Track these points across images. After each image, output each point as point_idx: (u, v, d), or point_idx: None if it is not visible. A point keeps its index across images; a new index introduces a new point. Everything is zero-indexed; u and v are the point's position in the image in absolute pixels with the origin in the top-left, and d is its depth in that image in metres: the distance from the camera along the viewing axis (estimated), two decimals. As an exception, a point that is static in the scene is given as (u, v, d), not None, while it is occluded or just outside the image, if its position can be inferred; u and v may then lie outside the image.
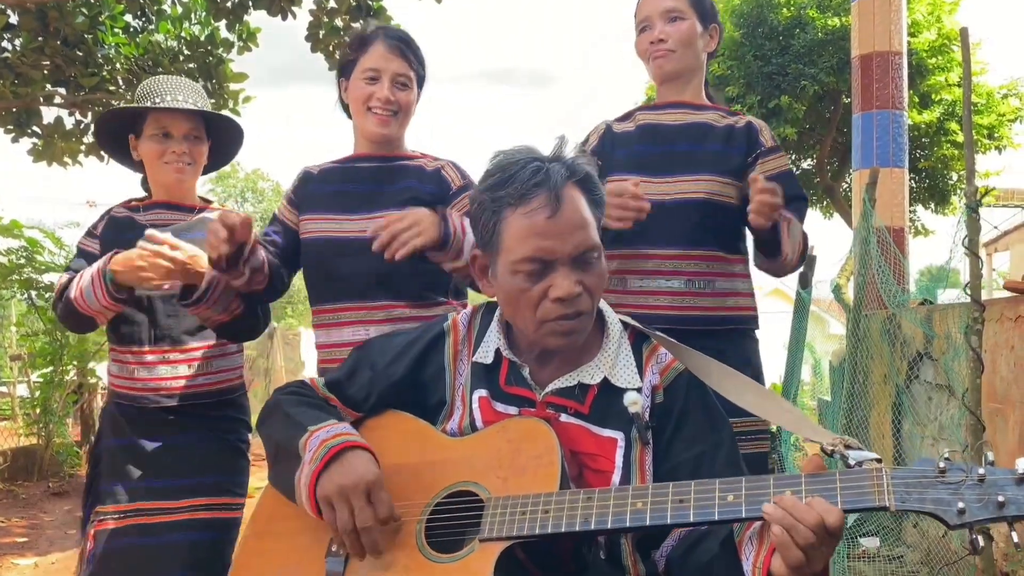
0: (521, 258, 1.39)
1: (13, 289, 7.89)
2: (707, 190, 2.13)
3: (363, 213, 2.11)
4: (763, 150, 2.18)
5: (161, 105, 2.23)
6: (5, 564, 5.06)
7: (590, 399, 1.45)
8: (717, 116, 2.23)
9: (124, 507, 2.20)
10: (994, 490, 1.11)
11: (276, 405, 1.55)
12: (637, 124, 2.26)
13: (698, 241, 2.12)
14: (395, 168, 2.19)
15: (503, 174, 1.42)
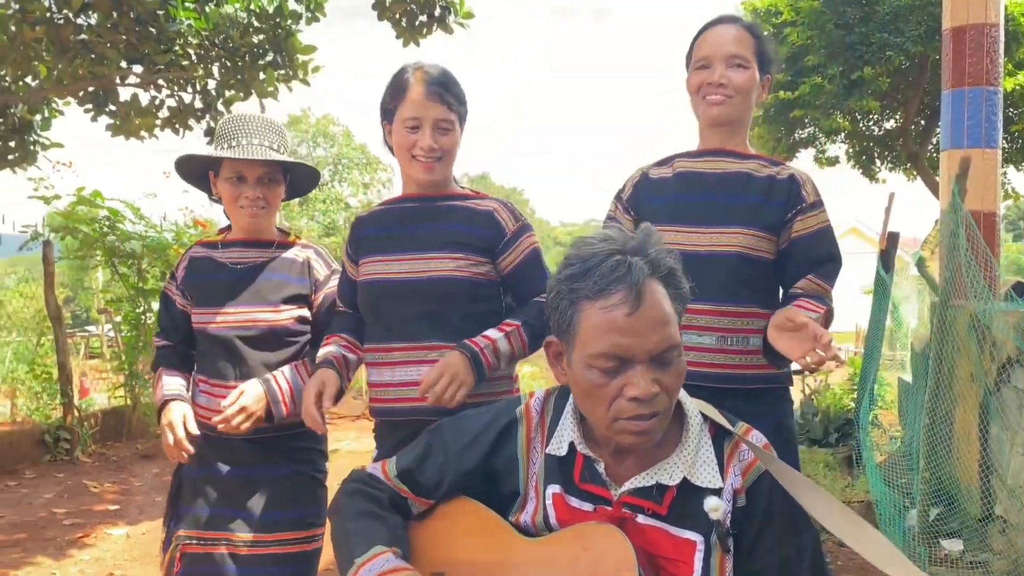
0: (597, 353, 1.35)
1: (97, 257, 8.14)
2: (741, 243, 2.06)
3: (412, 253, 2.14)
4: (804, 206, 2.10)
5: (232, 155, 2.26)
6: (99, 533, 5.31)
7: (668, 500, 1.42)
8: (758, 166, 2.14)
9: (208, 534, 2.31)
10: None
11: (337, 511, 1.55)
12: (676, 171, 2.19)
13: (732, 296, 2.06)
14: (444, 209, 2.18)
15: (583, 265, 1.37)
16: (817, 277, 2.09)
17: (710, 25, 2.18)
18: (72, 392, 7.54)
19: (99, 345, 14.40)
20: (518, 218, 2.19)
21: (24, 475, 6.81)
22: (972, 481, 4.05)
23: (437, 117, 2.11)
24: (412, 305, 2.11)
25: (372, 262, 2.20)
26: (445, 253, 2.11)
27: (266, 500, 2.32)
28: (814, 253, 2.10)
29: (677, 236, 2.08)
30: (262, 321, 2.32)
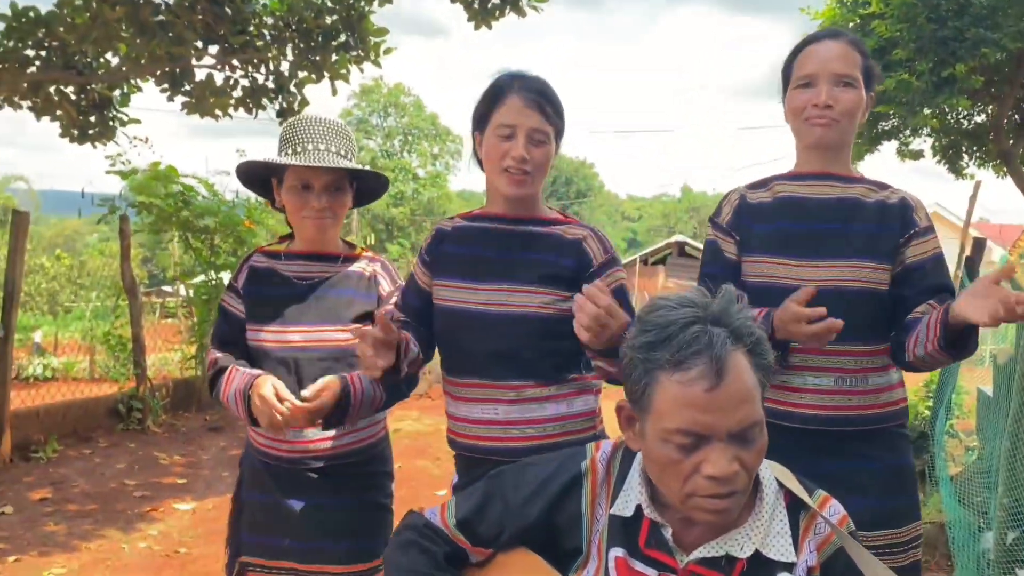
0: (674, 429, 1.27)
1: (172, 231, 8.31)
2: (863, 278, 1.93)
3: (494, 283, 2.01)
4: (918, 230, 1.97)
5: (296, 161, 2.12)
6: (167, 507, 5.46)
7: (738, 572, 1.35)
8: (866, 190, 2.00)
9: (271, 563, 2.23)
10: None
11: (391, 563, 1.51)
12: (775, 196, 2.05)
13: (851, 334, 1.87)
14: (532, 235, 2.05)
15: (660, 333, 1.29)
16: (937, 303, 1.92)
17: (813, 40, 2.02)
18: (145, 363, 7.74)
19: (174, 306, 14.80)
20: (607, 250, 2.04)
21: (98, 443, 7.04)
22: (1055, 508, 3.85)
23: (533, 127, 1.96)
24: (492, 341, 1.98)
25: (453, 287, 2.07)
26: (531, 287, 1.98)
27: (331, 531, 2.20)
28: (931, 281, 1.96)
29: (788, 269, 1.98)
30: (330, 341, 2.17)
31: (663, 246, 22.40)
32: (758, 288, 2.01)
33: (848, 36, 2.02)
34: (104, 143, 7.57)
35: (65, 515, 5.22)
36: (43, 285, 22.89)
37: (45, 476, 6.03)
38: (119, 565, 4.44)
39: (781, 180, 2.08)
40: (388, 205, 38.69)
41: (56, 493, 5.65)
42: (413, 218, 39.83)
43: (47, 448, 6.50)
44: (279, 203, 2.25)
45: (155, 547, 4.73)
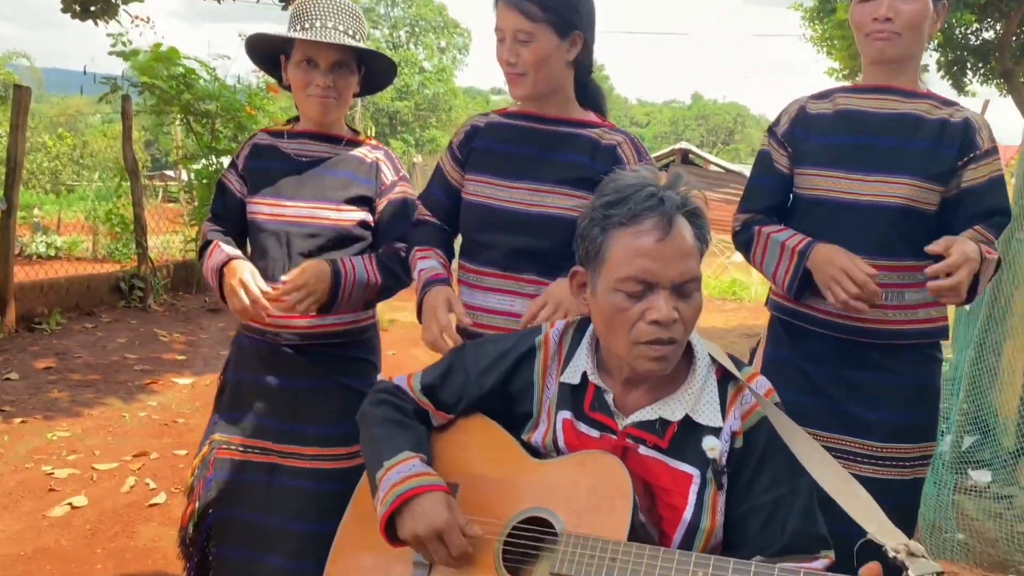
0: (625, 276, 1.41)
1: (174, 114, 8.32)
2: (907, 195, 1.93)
3: (525, 182, 2.01)
4: (978, 154, 1.94)
5: (304, 36, 2.10)
6: (166, 381, 5.68)
7: (670, 434, 1.49)
8: (930, 107, 1.98)
9: (247, 441, 2.23)
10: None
11: (365, 418, 1.65)
12: (836, 108, 2.05)
13: (890, 250, 1.94)
14: (566, 136, 2.04)
15: (618, 195, 1.44)
16: (986, 228, 1.93)
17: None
18: (146, 243, 7.88)
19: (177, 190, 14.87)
20: (642, 157, 2.03)
21: (100, 318, 7.24)
22: (1010, 415, 4.05)
23: (515, 27, 1.93)
24: (517, 238, 1.99)
25: (481, 181, 2.06)
26: (562, 189, 1.98)
27: (310, 414, 2.22)
28: (985, 205, 1.95)
29: (838, 182, 2.00)
30: (322, 219, 2.19)
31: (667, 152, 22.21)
32: (808, 200, 2.05)
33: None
34: (106, 21, 7.53)
35: (68, 383, 5.45)
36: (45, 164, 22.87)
37: (49, 347, 6.24)
38: (120, 431, 4.67)
39: (844, 93, 2.08)
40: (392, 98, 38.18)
41: (59, 363, 5.87)
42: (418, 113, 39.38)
43: (51, 320, 6.70)
44: (286, 80, 2.25)
45: (154, 416, 4.97)
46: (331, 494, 2.12)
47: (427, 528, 1.42)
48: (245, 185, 2.30)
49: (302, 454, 2.22)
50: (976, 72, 9.00)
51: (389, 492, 1.47)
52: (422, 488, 1.46)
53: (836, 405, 2.03)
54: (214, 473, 2.25)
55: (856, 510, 1.35)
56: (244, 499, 2.24)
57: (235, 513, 2.25)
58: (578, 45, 2.01)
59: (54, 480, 3.93)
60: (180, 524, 2.33)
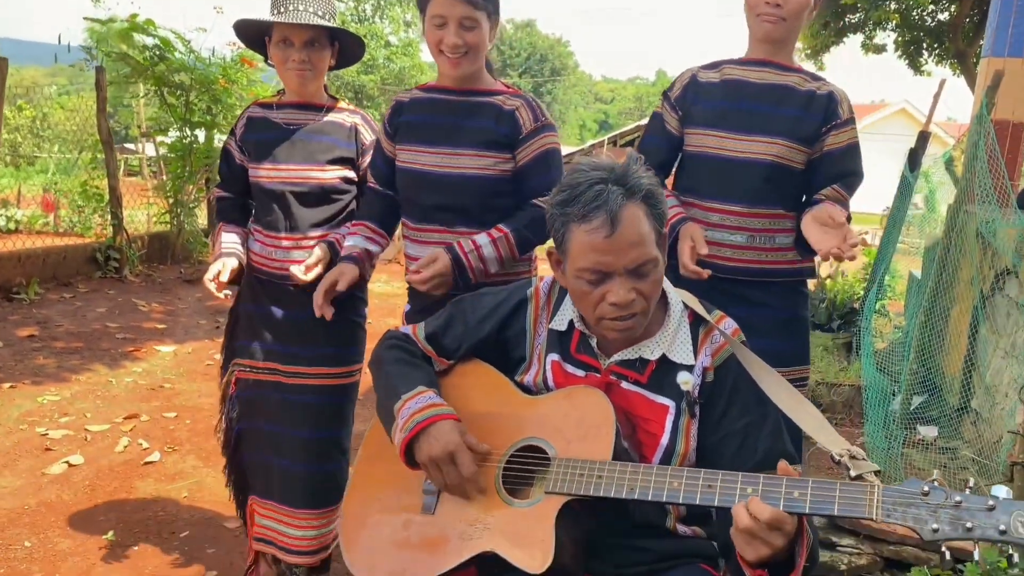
0: (582, 267, 1.60)
1: (147, 85, 8.34)
2: (777, 153, 2.22)
3: (444, 147, 2.31)
4: (838, 122, 2.24)
5: (278, 19, 2.41)
6: (148, 349, 5.80)
7: (649, 371, 1.70)
8: (800, 80, 2.27)
9: (260, 363, 2.64)
10: (966, 516, 1.31)
11: (379, 360, 1.84)
12: (723, 77, 2.32)
13: (762, 200, 2.24)
14: (474, 105, 2.32)
15: (571, 192, 1.60)
16: (840, 187, 2.25)
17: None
18: (122, 214, 7.93)
19: (138, 164, 14.80)
20: (538, 118, 2.32)
21: (78, 288, 7.31)
22: (956, 375, 4.34)
23: (461, 15, 2.20)
24: (443, 196, 2.31)
25: (409, 150, 2.36)
26: (474, 151, 2.28)
27: (311, 338, 2.57)
28: (842, 166, 2.26)
29: (717, 140, 2.27)
30: (311, 179, 2.53)
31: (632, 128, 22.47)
32: (694, 156, 2.33)
33: None
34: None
35: (53, 351, 5.55)
36: (4, 136, 22.45)
37: (29, 316, 6.32)
38: (108, 395, 4.81)
39: (730, 64, 2.35)
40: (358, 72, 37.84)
41: (42, 331, 5.96)
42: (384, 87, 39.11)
43: (29, 290, 6.76)
44: (271, 58, 2.55)
45: (140, 382, 5.10)
46: (329, 405, 2.63)
47: (442, 450, 1.62)
48: (244, 152, 2.65)
49: (304, 373, 2.60)
50: (932, 52, 9.32)
51: (409, 420, 1.66)
52: (437, 416, 1.66)
53: None
54: (236, 391, 2.69)
55: (808, 425, 1.57)
56: (260, 412, 2.66)
57: (255, 424, 2.68)
58: (496, 27, 2.31)
59: (49, 440, 4.07)
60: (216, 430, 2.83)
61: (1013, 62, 4.45)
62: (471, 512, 1.64)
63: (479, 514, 1.63)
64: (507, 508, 1.62)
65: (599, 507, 1.60)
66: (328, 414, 2.64)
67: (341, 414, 2.68)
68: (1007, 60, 4.47)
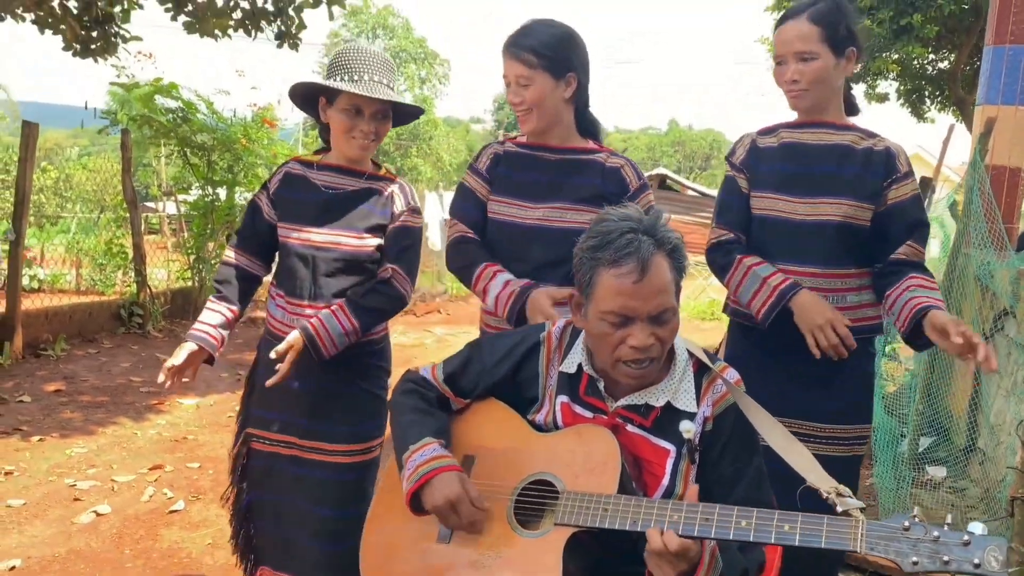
0: (608, 310, 1.71)
1: (170, 146, 8.62)
2: (844, 213, 2.31)
3: (548, 202, 2.41)
4: (898, 176, 2.32)
5: (356, 90, 2.37)
6: (172, 402, 5.94)
7: (653, 416, 1.81)
8: (856, 137, 2.36)
9: (275, 436, 2.54)
10: (943, 550, 1.42)
11: (395, 406, 1.96)
12: (780, 141, 2.42)
13: (833, 260, 2.32)
14: (579, 162, 2.44)
15: (603, 239, 1.72)
16: (914, 242, 2.32)
17: (780, 21, 2.38)
18: (145, 272, 8.14)
19: (157, 222, 15.07)
20: (640, 177, 2.46)
21: (103, 344, 7.49)
22: (962, 415, 4.41)
23: (516, 74, 2.34)
24: (548, 251, 2.37)
25: (509, 203, 2.45)
26: (579, 206, 2.37)
27: (331, 412, 2.50)
28: (909, 217, 2.32)
29: (784, 204, 2.37)
30: (345, 245, 2.47)
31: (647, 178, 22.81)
32: (762, 219, 2.43)
33: (809, 11, 2.32)
34: (106, 58, 7.82)
35: (79, 405, 5.70)
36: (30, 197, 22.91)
37: (56, 371, 6.49)
38: (134, 447, 4.94)
39: (786, 128, 2.46)
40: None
41: (69, 386, 6.12)
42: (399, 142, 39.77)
43: (55, 347, 6.95)
44: (324, 119, 2.52)
45: (164, 434, 5.23)
46: (348, 483, 2.53)
47: (444, 500, 1.72)
48: (274, 208, 2.58)
49: (323, 449, 2.53)
50: (934, 100, 9.51)
51: (414, 472, 1.77)
52: (440, 469, 1.76)
53: (786, 392, 2.36)
54: (248, 461, 2.62)
55: (798, 464, 1.69)
56: (274, 485, 2.57)
57: (267, 496, 2.59)
58: (572, 85, 2.40)
59: (77, 491, 4.20)
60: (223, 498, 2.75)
61: (1006, 109, 4.59)
62: (484, 541, 1.75)
63: (492, 544, 1.74)
64: (518, 538, 1.73)
65: (605, 538, 1.71)
66: (349, 491, 2.54)
67: (361, 490, 2.57)
68: (1000, 108, 4.62)
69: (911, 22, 7.26)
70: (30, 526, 3.77)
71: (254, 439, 2.60)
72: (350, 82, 2.40)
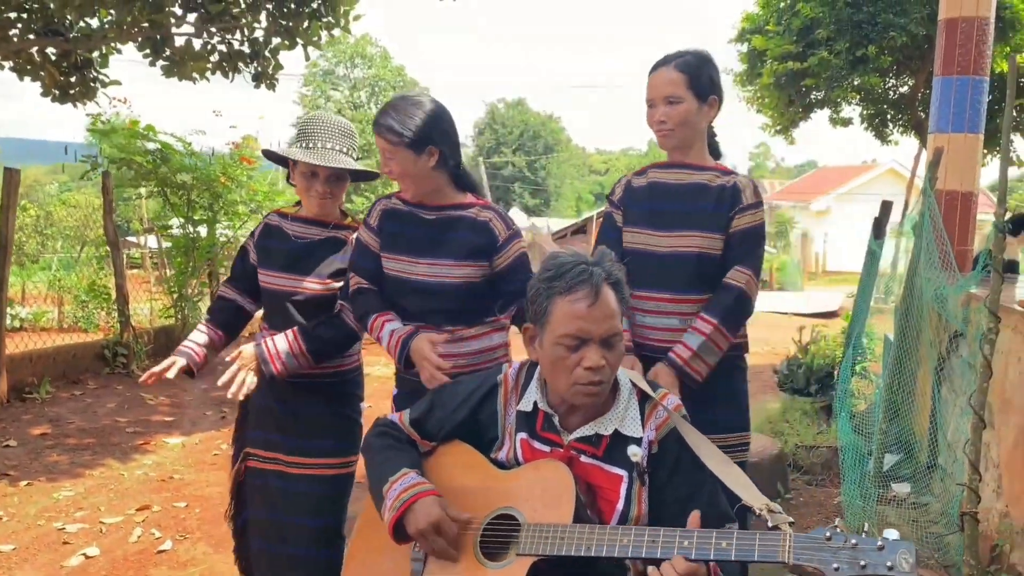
0: (564, 334, 1.87)
1: (151, 187, 8.73)
2: (699, 245, 2.54)
3: (429, 259, 2.57)
4: (741, 207, 2.55)
5: (305, 158, 2.67)
6: (158, 441, 6.03)
7: (604, 445, 1.95)
8: (712, 176, 2.59)
9: (264, 453, 2.85)
10: (861, 556, 1.55)
11: (369, 447, 2.10)
12: (648, 181, 2.67)
13: (690, 287, 2.55)
14: (453, 220, 2.60)
15: (558, 270, 1.89)
16: (742, 267, 2.54)
17: (652, 69, 2.63)
18: (128, 312, 8.23)
19: (140, 257, 15.13)
20: (509, 227, 2.61)
21: (88, 385, 7.56)
22: (924, 433, 4.57)
23: (381, 148, 2.52)
24: (433, 302, 2.55)
25: (394, 259, 2.60)
26: (460, 261, 2.54)
27: (311, 432, 2.79)
28: (744, 244, 2.56)
29: (648, 238, 2.60)
30: (310, 290, 2.77)
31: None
32: (630, 252, 2.64)
33: (677, 60, 2.57)
34: (85, 103, 7.96)
35: (65, 447, 5.78)
36: (11, 236, 22.83)
37: (42, 414, 6.56)
38: (121, 488, 5.02)
39: (654, 168, 2.70)
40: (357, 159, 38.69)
41: (54, 429, 6.20)
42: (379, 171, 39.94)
43: (41, 389, 7.02)
44: (293, 179, 2.82)
45: (151, 474, 5.32)
46: (327, 496, 2.83)
47: (427, 522, 1.86)
48: (257, 254, 2.91)
49: (306, 463, 2.81)
50: (896, 123, 9.79)
51: (396, 499, 1.90)
52: (422, 494, 1.91)
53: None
54: (244, 478, 2.90)
55: (734, 483, 1.83)
56: (264, 501, 2.85)
57: (259, 513, 2.87)
58: (435, 155, 2.53)
59: (65, 535, 4.28)
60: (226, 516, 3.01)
61: (956, 137, 4.80)
62: (454, 574, 1.88)
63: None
64: (485, 570, 1.86)
65: (564, 565, 1.84)
66: (328, 502, 2.83)
67: (340, 502, 2.88)
68: (950, 136, 4.83)
69: (866, 53, 7.54)
70: (20, 571, 3.86)
71: (251, 458, 2.88)
72: (305, 150, 2.70)
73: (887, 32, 7.39)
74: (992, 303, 3.02)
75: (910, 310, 4.65)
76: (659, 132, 2.59)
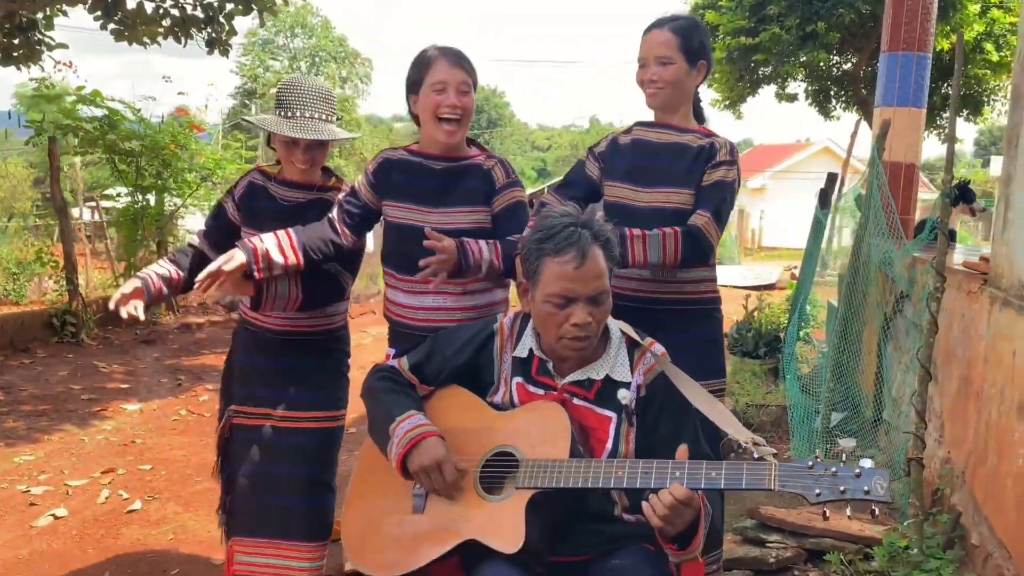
0: (552, 293, 1.98)
1: (99, 153, 8.57)
2: (677, 200, 2.65)
3: (439, 208, 2.64)
4: (714, 162, 2.65)
5: (288, 133, 2.66)
6: (115, 408, 6.00)
7: (595, 388, 2.08)
8: (694, 138, 2.70)
9: (253, 409, 2.85)
10: (840, 482, 1.72)
11: (372, 389, 2.19)
12: (633, 138, 2.77)
13: None
14: (461, 169, 2.69)
15: (547, 232, 2.00)
16: (703, 210, 2.59)
17: (646, 31, 2.72)
18: (77, 280, 8.10)
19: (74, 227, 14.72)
20: (508, 175, 2.71)
21: (37, 354, 7.45)
22: (871, 391, 4.82)
23: (459, 80, 2.57)
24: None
25: (402, 207, 2.66)
26: (471, 207, 2.62)
27: (300, 385, 2.81)
28: (710, 193, 2.65)
29: (629, 192, 2.71)
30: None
31: (571, 175, 23.29)
32: (612, 205, 2.76)
33: (670, 24, 2.69)
34: (28, 66, 7.76)
35: (21, 414, 5.72)
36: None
37: (-8, 382, 6.46)
38: (83, 452, 5.01)
39: (639, 127, 2.80)
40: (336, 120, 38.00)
41: (7, 396, 6.12)
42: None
43: (-12, 358, 6.90)
44: (273, 143, 2.81)
45: (112, 439, 5.31)
46: (319, 447, 2.85)
47: (431, 460, 1.97)
48: (239, 211, 2.86)
49: (297, 417, 2.83)
50: (839, 100, 10.12)
51: (403, 437, 2.01)
52: (428, 433, 2.01)
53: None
54: (231, 435, 2.89)
55: (720, 420, 1.98)
56: (252, 456, 2.86)
57: (245, 467, 2.86)
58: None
59: (32, 496, 4.28)
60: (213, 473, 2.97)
61: (901, 111, 5.03)
62: (455, 509, 1.99)
63: (461, 510, 1.99)
64: (484, 503, 1.97)
65: (560, 498, 1.97)
66: (320, 454, 2.85)
67: (330, 455, 2.90)
68: (896, 110, 5.06)
69: (816, 29, 7.79)
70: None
71: (235, 415, 2.88)
72: (284, 119, 2.68)
73: (836, 9, 7.65)
74: (939, 264, 3.22)
75: (857, 274, 4.88)
76: (648, 90, 2.68)
